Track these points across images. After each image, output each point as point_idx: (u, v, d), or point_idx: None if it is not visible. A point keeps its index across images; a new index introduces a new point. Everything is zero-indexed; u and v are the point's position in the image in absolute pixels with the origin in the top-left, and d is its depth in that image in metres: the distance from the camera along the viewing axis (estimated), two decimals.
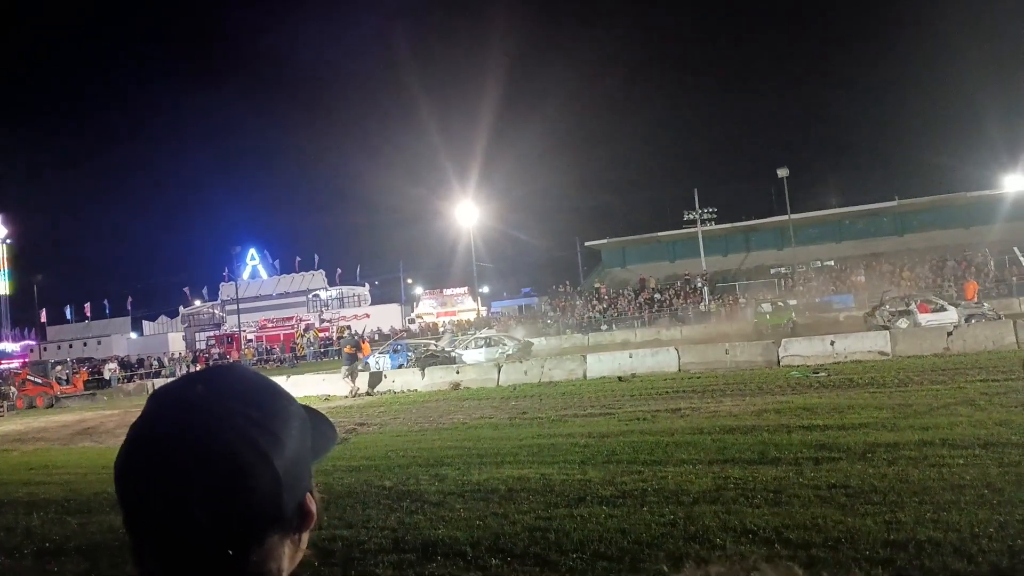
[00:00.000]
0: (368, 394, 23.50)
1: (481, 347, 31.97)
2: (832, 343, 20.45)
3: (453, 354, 31.42)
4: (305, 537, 0.89)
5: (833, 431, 9.70)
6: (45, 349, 76.07)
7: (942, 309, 26.81)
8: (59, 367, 43.63)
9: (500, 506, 7.21)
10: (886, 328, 24.44)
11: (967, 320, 24.91)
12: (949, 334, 19.80)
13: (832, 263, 54.96)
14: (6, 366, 49.28)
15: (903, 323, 26.67)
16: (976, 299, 30.85)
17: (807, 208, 60.45)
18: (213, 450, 0.78)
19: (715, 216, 64.30)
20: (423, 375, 24.34)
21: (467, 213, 67.16)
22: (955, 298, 31.36)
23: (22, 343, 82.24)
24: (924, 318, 26.53)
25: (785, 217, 55.70)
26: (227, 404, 0.82)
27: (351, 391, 23.30)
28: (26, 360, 56.15)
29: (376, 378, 25.04)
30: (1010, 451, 7.67)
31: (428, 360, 30.07)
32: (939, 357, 18.14)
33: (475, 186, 70.73)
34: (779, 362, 20.30)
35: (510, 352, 31.09)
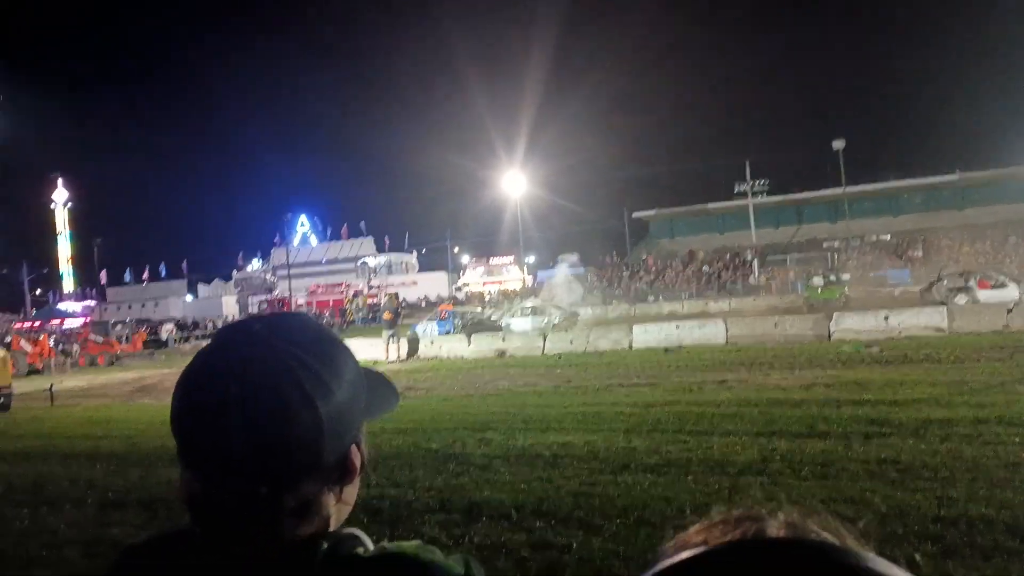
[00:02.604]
0: (402, 361, 23.80)
1: (527, 315, 32.06)
2: (886, 318, 20.01)
3: (500, 322, 31.57)
4: (349, 492, 0.89)
5: (885, 406, 9.52)
6: (105, 310, 78.59)
7: (1002, 285, 26.02)
8: (119, 327, 45.02)
9: (545, 471, 7.27)
10: (943, 304, 23.82)
11: None
12: (1009, 311, 19.21)
13: (888, 237, 53.59)
14: (69, 325, 51.00)
15: (961, 299, 25.98)
16: None
17: (863, 181, 58.76)
18: (258, 385, 0.80)
19: (766, 188, 63.07)
20: (469, 342, 24.53)
21: (514, 182, 66.94)
22: (1017, 274, 30.33)
23: (84, 303, 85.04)
24: (983, 294, 25.81)
25: (840, 190, 54.31)
26: (281, 345, 0.83)
27: (389, 356, 23.65)
28: (88, 320, 58.11)
29: (414, 345, 25.33)
30: None
31: (474, 327, 30.29)
32: (998, 334, 17.63)
33: (522, 156, 70.51)
34: (830, 336, 19.96)
35: (556, 321, 31.15)
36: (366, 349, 25.97)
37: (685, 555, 0.49)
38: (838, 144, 51.79)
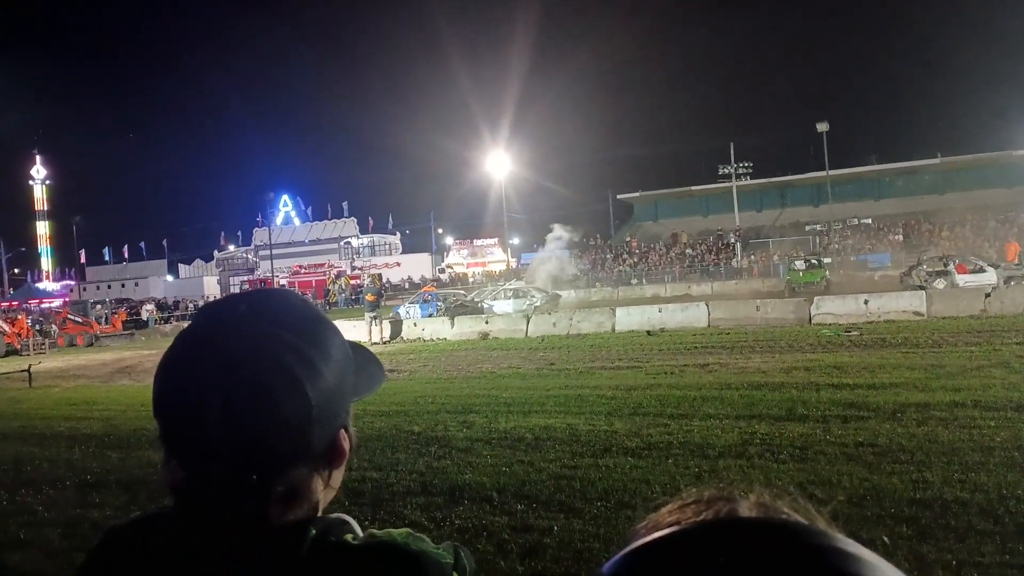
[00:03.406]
0: (385, 343, 23.78)
1: (510, 298, 32.06)
2: (866, 302, 20.18)
3: (482, 304, 31.53)
4: (336, 476, 0.86)
5: (863, 390, 9.64)
6: (84, 289, 77.83)
7: (981, 270, 26.29)
8: (98, 307, 44.61)
9: (526, 454, 7.31)
10: (922, 288, 24.05)
11: (1006, 282, 24.43)
12: (987, 296, 19.42)
13: (869, 221, 54.01)
14: (47, 305, 50.49)
15: (940, 283, 26.24)
16: (1017, 261, 30.16)
17: (846, 164, 59.14)
18: (244, 368, 0.77)
19: (750, 171, 63.38)
20: (452, 324, 24.53)
21: (498, 164, 66.66)
22: (995, 259, 30.66)
23: (62, 283, 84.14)
24: (962, 279, 26.05)
25: (823, 173, 54.55)
26: (267, 326, 0.81)
27: (372, 338, 23.62)
28: (66, 300, 57.53)
29: (397, 328, 25.32)
30: None
31: (458, 309, 30.26)
32: (975, 319, 17.84)
33: (507, 137, 70.08)
34: (811, 320, 20.11)
35: (538, 303, 31.18)
36: (348, 331, 25.86)
37: (658, 535, 0.50)
38: (822, 127, 51.95)
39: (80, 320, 36.36)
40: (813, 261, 36.23)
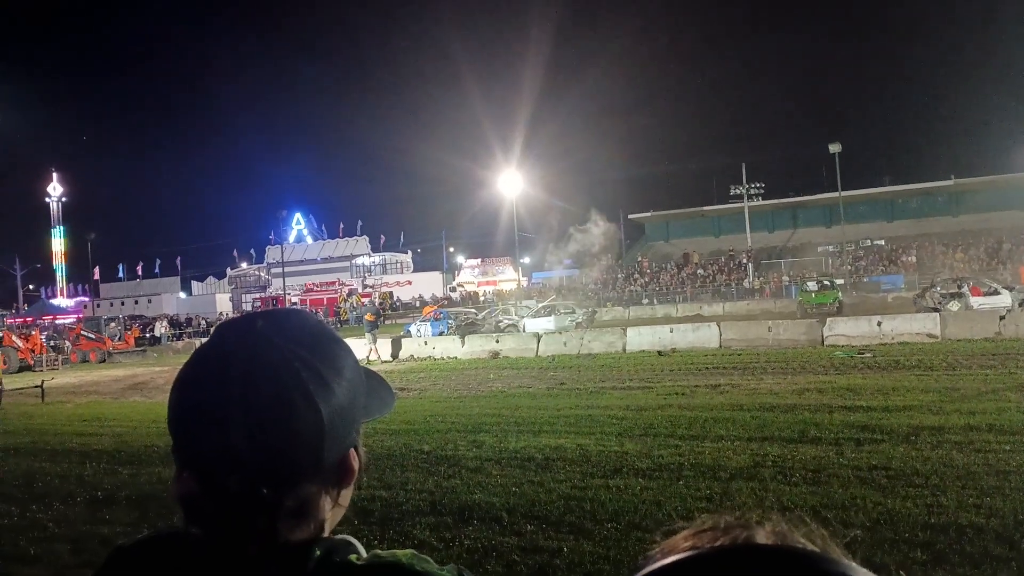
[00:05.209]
0: (383, 362, 23.81)
1: (551, 315, 31.96)
2: (879, 324, 20.07)
3: (522, 322, 31.22)
4: (345, 494, 0.88)
5: (876, 413, 9.55)
6: (98, 306, 78.22)
7: (995, 292, 26.09)
8: (112, 324, 44.85)
9: (536, 474, 7.27)
10: (936, 310, 23.87)
11: (1021, 304, 24.22)
12: (1002, 318, 19.28)
13: (882, 242, 53.76)
14: (61, 321, 50.83)
15: (954, 305, 26.03)
16: None
17: (858, 185, 58.93)
18: (261, 382, 0.79)
19: (762, 191, 63.39)
20: (463, 343, 24.53)
21: (510, 183, 66.79)
22: (1010, 281, 30.44)
23: (76, 299, 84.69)
24: (976, 301, 25.86)
25: (835, 194, 54.28)
26: (284, 344, 0.82)
27: (369, 358, 23.69)
28: (80, 316, 57.91)
29: (398, 346, 25.35)
30: None
31: (468, 328, 30.26)
32: (990, 341, 17.69)
33: (519, 156, 70.15)
34: (823, 342, 20.00)
35: (579, 320, 31.26)
36: (359, 350, 25.94)
37: (674, 558, 0.50)
38: (834, 148, 51.84)
39: (93, 336, 36.59)
40: (825, 282, 36.06)
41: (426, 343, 25.76)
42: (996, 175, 55.69)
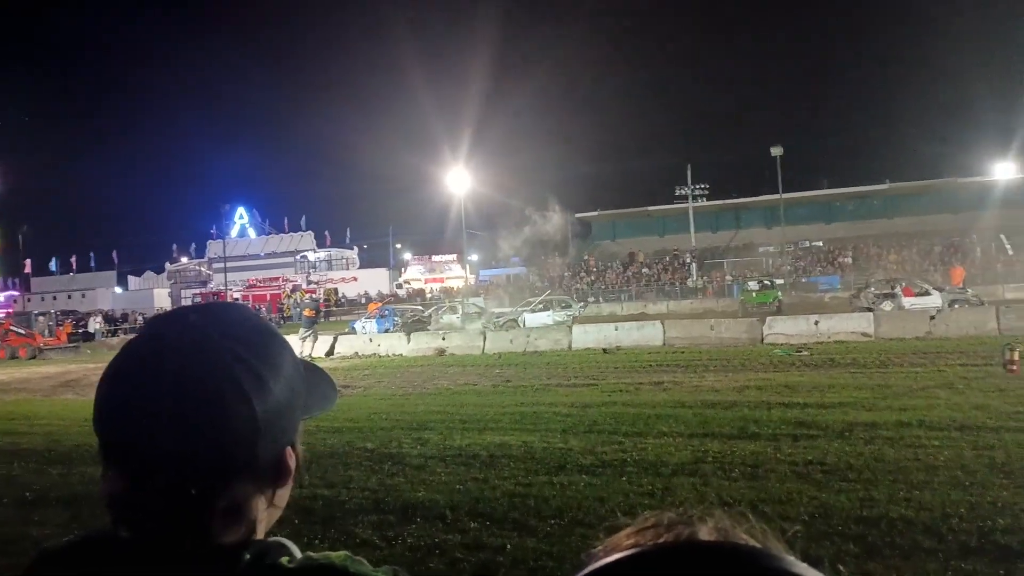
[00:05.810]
0: (316, 359, 23.57)
1: (548, 310, 32.02)
2: (816, 323, 20.62)
3: (517, 318, 31.21)
4: (281, 494, 0.84)
5: (812, 409, 9.81)
6: (29, 300, 75.52)
7: (926, 293, 27.00)
8: (42, 319, 43.27)
9: (481, 471, 7.27)
10: (870, 310, 24.62)
11: (951, 305, 25.11)
12: (932, 318, 19.99)
13: (820, 244, 55.14)
14: None
15: (887, 305, 26.87)
16: (962, 285, 31.08)
17: (798, 188, 60.34)
18: (192, 378, 0.76)
19: (706, 192, 64.45)
20: (409, 340, 24.39)
21: (458, 180, 66.63)
22: (941, 283, 31.55)
23: (5, 293, 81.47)
24: (908, 301, 26.73)
25: (776, 196, 55.61)
26: (219, 338, 0.79)
27: (302, 353, 23.41)
28: (9, 311, 55.81)
29: (332, 345, 25.10)
30: (985, 434, 7.79)
31: (415, 325, 30.09)
32: (921, 340, 18.33)
33: (467, 154, 70.04)
34: (763, 340, 20.46)
35: (576, 314, 31.66)
36: (301, 346, 25.59)
37: (617, 556, 0.50)
38: (776, 151, 53.05)
39: (23, 332, 35.24)
40: (766, 282, 36.87)
41: (371, 340, 25.54)
42: (929, 180, 57.60)
